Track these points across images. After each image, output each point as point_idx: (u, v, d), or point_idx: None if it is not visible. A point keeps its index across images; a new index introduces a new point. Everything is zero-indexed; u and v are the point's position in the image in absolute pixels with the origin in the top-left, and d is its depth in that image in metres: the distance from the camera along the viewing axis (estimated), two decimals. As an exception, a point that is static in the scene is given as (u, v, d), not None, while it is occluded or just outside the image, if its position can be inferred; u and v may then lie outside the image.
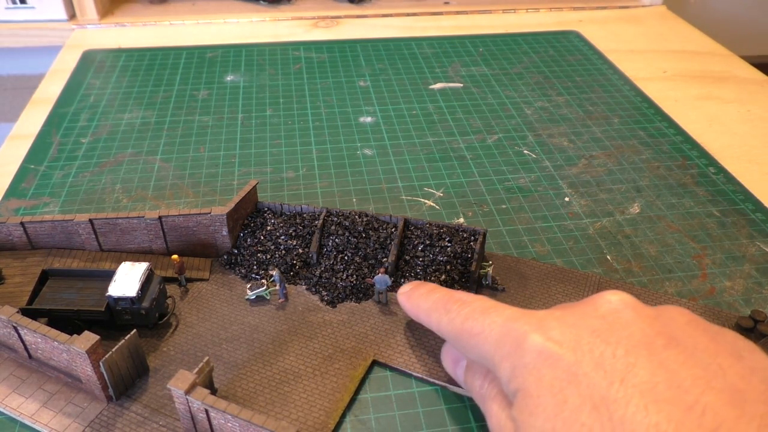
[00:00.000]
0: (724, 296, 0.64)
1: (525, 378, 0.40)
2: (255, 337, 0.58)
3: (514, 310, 0.45)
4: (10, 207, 0.76)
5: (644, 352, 0.38)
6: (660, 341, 0.38)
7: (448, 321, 0.49)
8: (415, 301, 0.54)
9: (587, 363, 0.38)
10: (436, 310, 0.51)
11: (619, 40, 1.26)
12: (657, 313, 0.42)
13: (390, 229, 0.66)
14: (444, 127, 0.95)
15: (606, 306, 0.42)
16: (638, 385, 0.36)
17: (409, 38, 1.26)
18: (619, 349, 0.38)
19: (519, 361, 0.41)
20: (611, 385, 0.36)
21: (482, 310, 0.46)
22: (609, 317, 0.41)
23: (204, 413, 0.47)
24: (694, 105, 1.03)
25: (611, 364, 0.37)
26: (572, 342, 0.40)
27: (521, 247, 0.71)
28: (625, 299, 0.42)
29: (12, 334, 0.53)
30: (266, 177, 0.82)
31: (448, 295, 0.51)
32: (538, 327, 0.42)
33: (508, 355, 0.42)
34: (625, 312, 0.41)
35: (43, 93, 1.04)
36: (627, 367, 0.37)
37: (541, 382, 0.39)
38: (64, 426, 0.50)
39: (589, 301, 0.44)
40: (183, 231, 0.65)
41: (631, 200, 0.79)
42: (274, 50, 1.19)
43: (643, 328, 0.39)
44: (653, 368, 0.36)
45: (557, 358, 0.39)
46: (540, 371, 0.39)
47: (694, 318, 0.42)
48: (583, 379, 0.37)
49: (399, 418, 0.52)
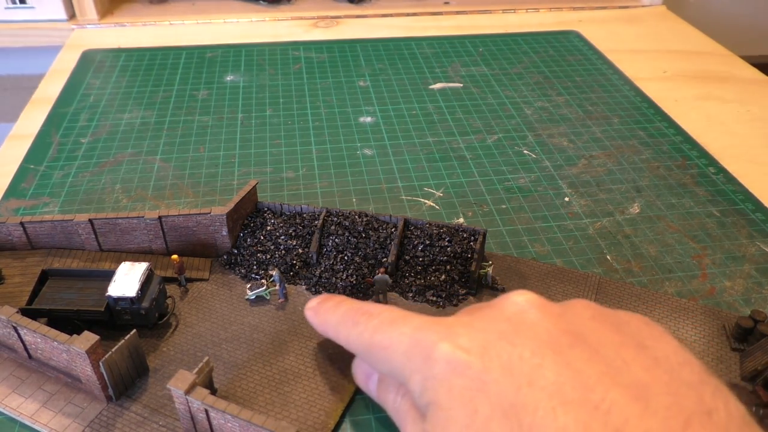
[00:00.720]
0: (724, 296, 0.64)
1: (436, 390, 0.39)
2: (255, 337, 0.58)
3: (423, 319, 0.43)
4: (10, 207, 0.76)
5: (550, 353, 0.36)
6: (566, 340, 0.37)
7: (356, 335, 0.46)
8: (322, 316, 0.51)
9: (495, 368, 0.37)
10: (344, 323, 0.48)
11: (619, 40, 1.26)
12: (562, 310, 0.41)
13: (390, 229, 0.66)
14: (444, 127, 0.95)
15: (512, 307, 0.41)
16: (546, 387, 0.35)
17: (409, 38, 1.26)
18: (525, 351, 0.37)
19: (429, 373, 0.39)
20: (519, 389, 0.35)
21: (390, 321, 0.44)
22: (515, 318, 0.40)
23: (204, 413, 0.47)
24: (694, 105, 1.03)
25: (518, 367, 0.36)
26: (480, 348, 0.38)
27: (521, 247, 0.71)
28: (530, 299, 0.41)
29: (12, 334, 0.53)
30: (266, 177, 0.82)
31: (356, 307, 0.49)
32: (447, 335, 0.40)
33: (418, 368, 0.40)
34: (530, 312, 0.40)
35: (42, 93, 1.04)
36: (533, 369, 0.36)
37: (452, 392, 0.37)
38: (64, 426, 0.50)
39: (496, 303, 0.43)
40: (183, 231, 0.65)
41: (631, 200, 0.79)
42: (274, 50, 1.19)
43: (548, 327, 0.38)
44: (559, 368, 0.35)
45: (466, 366, 0.38)
46: (450, 381, 0.38)
47: (600, 311, 0.41)
48: (492, 386, 0.36)
49: (399, 418, 0.52)
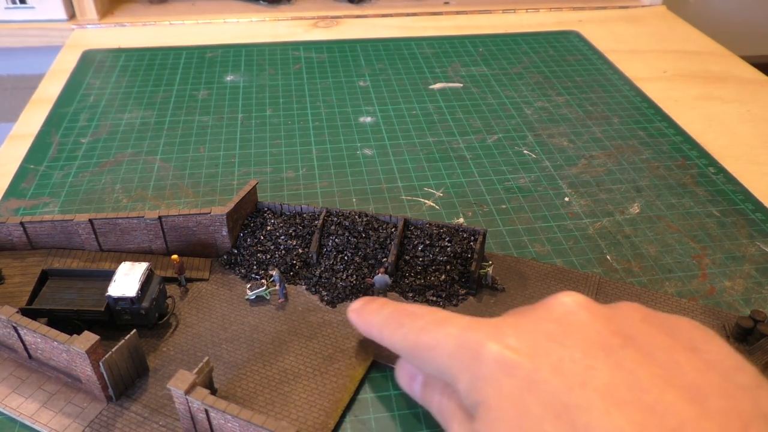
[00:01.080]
0: (724, 296, 0.64)
1: (484, 389, 0.39)
2: (255, 337, 0.58)
3: (469, 319, 0.43)
4: (10, 207, 0.76)
5: (602, 354, 0.37)
6: (616, 341, 0.38)
7: (401, 336, 0.47)
8: (366, 318, 0.52)
9: (546, 369, 0.37)
10: (387, 325, 0.48)
11: (619, 40, 1.26)
12: (611, 312, 0.41)
13: (390, 229, 0.66)
14: (444, 127, 0.95)
15: (560, 308, 0.41)
16: (598, 388, 0.35)
17: (409, 38, 1.26)
18: (576, 353, 0.37)
19: (477, 373, 0.40)
20: (571, 390, 0.35)
21: (436, 322, 0.45)
22: (564, 320, 0.40)
23: (204, 413, 0.47)
24: (694, 105, 1.03)
25: (570, 368, 0.36)
26: (529, 348, 0.39)
27: (521, 247, 0.71)
28: (578, 300, 0.41)
29: (12, 334, 0.53)
30: (266, 177, 0.82)
31: (400, 309, 0.49)
32: (494, 335, 0.40)
33: (465, 367, 0.41)
34: (579, 313, 0.40)
35: (42, 93, 1.04)
36: (586, 370, 0.36)
37: (501, 392, 0.38)
38: (64, 426, 0.50)
39: (543, 304, 0.43)
40: (183, 231, 0.65)
41: (631, 200, 0.79)
42: (274, 50, 1.19)
43: (598, 328, 0.39)
44: (612, 370, 0.36)
45: (515, 366, 0.38)
46: (499, 381, 0.38)
47: (649, 313, 0.41)
48: (543, 386, 0.36)
49: (399, 418, 0.52)
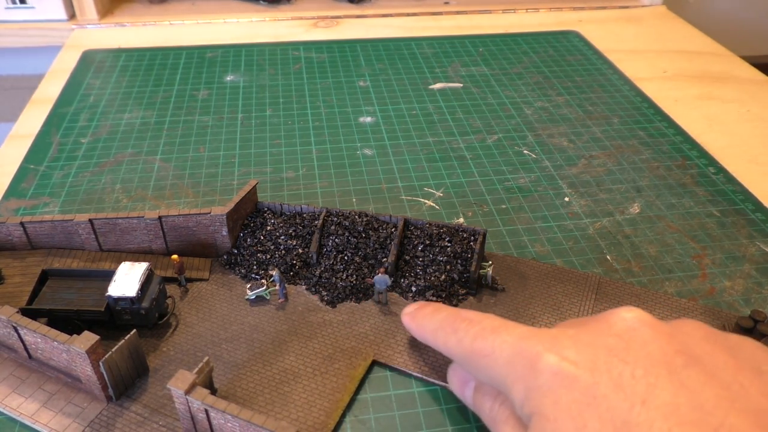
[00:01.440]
0: (723, 296, 0.64)
1: (540, 400, 0.39)
2: (255, 337, 0.58)
3: (526, 328, 0.43)
4: (10, 207, 0.76)
5: (664, 372, 0.36)
6: (680, 360, 0.37)
7: (456, 341, 0.47)
8: (419, 322, 0.52)
9: (606, 384, 0.37)
10: (442, 329, 0.49)
11: (619, 40, 1.26)
12: (673, 329, 0.40)
13: (390, 229, 0.66)
14: (444, 127, 0.95)
15: (621, 323, 0.41)
16: (660, 407, 0.35)
17: (409, 38, 1.26)
18: (638, 369, 0.37)
19: (533, 383, 0.39)
20: (632, 407, 0.35)
21: (492, 329, 0.44)
22: (625, 335, 0.40)
23: (204, 413, 0.47)
24: (694, 105, 1.03)
25: (631, 385, 0.36)
26: (589, 362, 0.38)
27: (521, 247, 0.71)
28: (641, 317, 0.41)
29: (12, 334, 0.53)
30: (266, 177, 0.82)
31: (455, 314, 0.49)
32: (552, 346, 0.40)
33: (521, 377, 0.40)
34: (641, 330, 0.40)
35: (42, 93, 1.04)
36: (648, 388, 0.36)
37: (558, 404, 0.37)
38: (64, 426, 0.50)
39: (602, 317, 0.42)
40: (183, 231, 0.65)
41: (630, 200, 0.79)
42: (274, 50, 1.19)
43: (661, 346, 0.38)
44: (675, 389, 0.35)
45: (574, 379, 0.38)
46: (556, 393, 0.38)
47: (711, 332, 0.41)
48: (603, 402, 0.36)
49: (399, 418, 0.52)
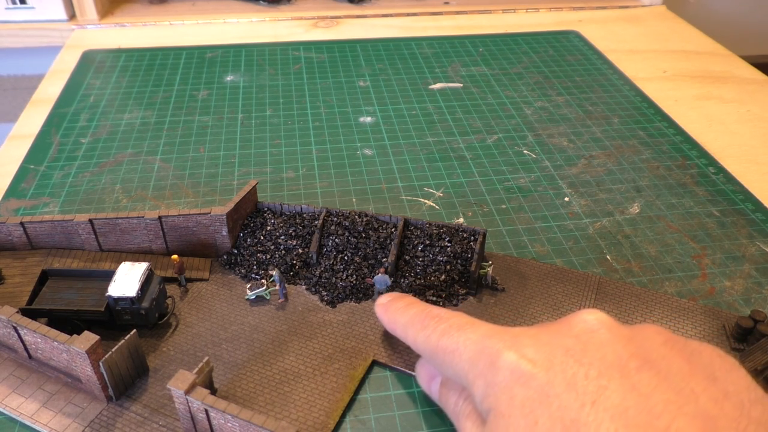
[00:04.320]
0: (723, 296, 0.64)
1: (497, 397, 0.40)
2: (255, 337, 0.58)
3: (490, 327, 0.44)
4: (10, 207, 0.76)
5: (617, 375, 0.37)
6: (633, 363, 0.38)
7: (424, 338, 0.48)
8: (392, 315, 0.53)
9: (559, 383, 0.37)
10: (413, 325, 0.50)
11: (619, 40, 1.26)
12: (633, 333, 0.41)
13: (390, 229, 0.66)
14: (444, 127, 0.95)
15: (581, 325, 0.41)
16: (609, 408, 0.35)
17: (409, 38, 1.26)
18: (591, 371, 0.37)
19: (492, 379, 0.40)
20: (582, 407, 0.36)
21: (458, 326, 0.46)
22: (583, 337, 0.40)
23: (204, 413, 0.47)
24: (694, 105, 1.03)
25: (583, 385, 0.37)
26: (545, 361, 0.39)
27: (521, 247, 0.71)
28: (601, 318, 0.42)
29: (12, 334, 0.53)
30: (266, 177, 0.82)
31: (426, 310, 0.50)
32: (512, 344, 0.41)
33: (481, 373, 0.41)
34: (600, 332, 0.40)
35: (42, 93, 1.04)
36: (599, 389, 0.36)
37: (513, 401, 0.38)
38: (64, 426, 0.50)
39: (565, 320, 0.43)
40: (183, 231, 0.65)
41: (630, 200, 0.79)
42: (274, 50, 1.19)
43: (616, 349, 0.39)
44: (625, 392, 0.36)
45: (529, 377, 0.38)
46: (512, 390, 0.39)
47: (671, 338, 0.41)
48: (555, 400, 0.37)
49: (399, 418, 0.52)
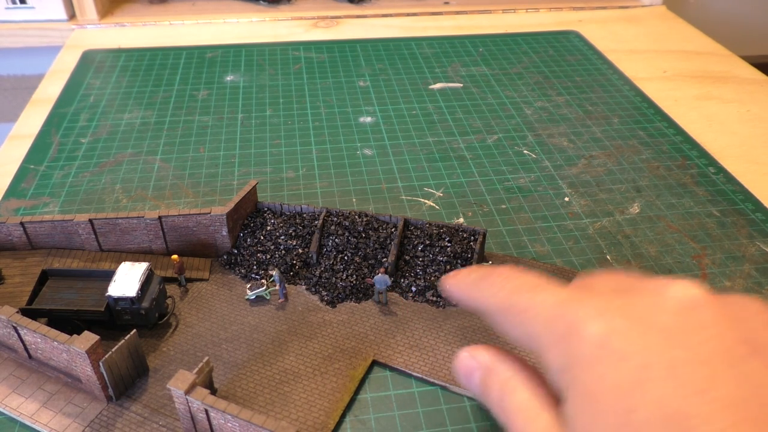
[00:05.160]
0: (723, 296, 0.64)
1: (583, 372, 0.35)
2: (255, 337, 0.58)
3: (568, 290, 0.40)
4: (10, 207, 0.76)
5: (724, 362, 0.33)
6: (743, 350, 0.33)
7: (491, 294, 0.43)
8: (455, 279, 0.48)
9: (659, 368, 0.33)
10: (477, 284, 0.45)
11: (619, 40, 1.26)
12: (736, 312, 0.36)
13: (390, 229, 0.66)
14: (444, 127, 0.95)
15: (677, 300, 0.37)
16: (720, 399, 0.31)
17: (409, 38, 1.26)
18: (694, 356, 0.33)
19: (574, 350, 0.36)
20: (687, 397, 0.32)
21: (531, 285, 0.41)
22: (683, 315, 0.36)
23: (204, 413, 0.47)
24: (694, 105, 1.03)
25: (687, 372, 0.33)
26: (640, 339, 0.34)
27: (521, 247, 0.71)
28: (699, 295, 0.37)
29: (12, 334, 0.53)
30: (266, 177, 0.82)
31: (492, 269, 0.46)
32: (599, 314, 0.36)
33: (558, 341, 0.37)
34: (703, 312, 0.36)
35: (42, 93, 1.04)
36: (706, 378, 0.32)
37: (603, 382, 0.34)
38: (64, 426, 0.50)
39: (657, 289, 0.38)
40: (183, 231, 0.65)
41: (630, 200, 0.79)
42: (274, 50, 1.19)
43: (723, 332, 0.34)
44: (737, 381, 0.32)
45: (622, 357, 0.34)
46: (602, 368, 0.34)
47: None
48: (653, 387, 0.33)
49: (399, 418, 0.52)
